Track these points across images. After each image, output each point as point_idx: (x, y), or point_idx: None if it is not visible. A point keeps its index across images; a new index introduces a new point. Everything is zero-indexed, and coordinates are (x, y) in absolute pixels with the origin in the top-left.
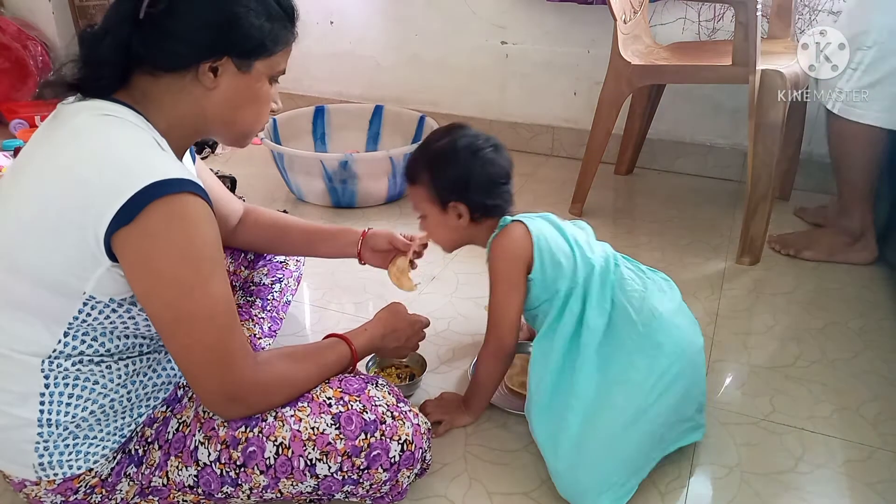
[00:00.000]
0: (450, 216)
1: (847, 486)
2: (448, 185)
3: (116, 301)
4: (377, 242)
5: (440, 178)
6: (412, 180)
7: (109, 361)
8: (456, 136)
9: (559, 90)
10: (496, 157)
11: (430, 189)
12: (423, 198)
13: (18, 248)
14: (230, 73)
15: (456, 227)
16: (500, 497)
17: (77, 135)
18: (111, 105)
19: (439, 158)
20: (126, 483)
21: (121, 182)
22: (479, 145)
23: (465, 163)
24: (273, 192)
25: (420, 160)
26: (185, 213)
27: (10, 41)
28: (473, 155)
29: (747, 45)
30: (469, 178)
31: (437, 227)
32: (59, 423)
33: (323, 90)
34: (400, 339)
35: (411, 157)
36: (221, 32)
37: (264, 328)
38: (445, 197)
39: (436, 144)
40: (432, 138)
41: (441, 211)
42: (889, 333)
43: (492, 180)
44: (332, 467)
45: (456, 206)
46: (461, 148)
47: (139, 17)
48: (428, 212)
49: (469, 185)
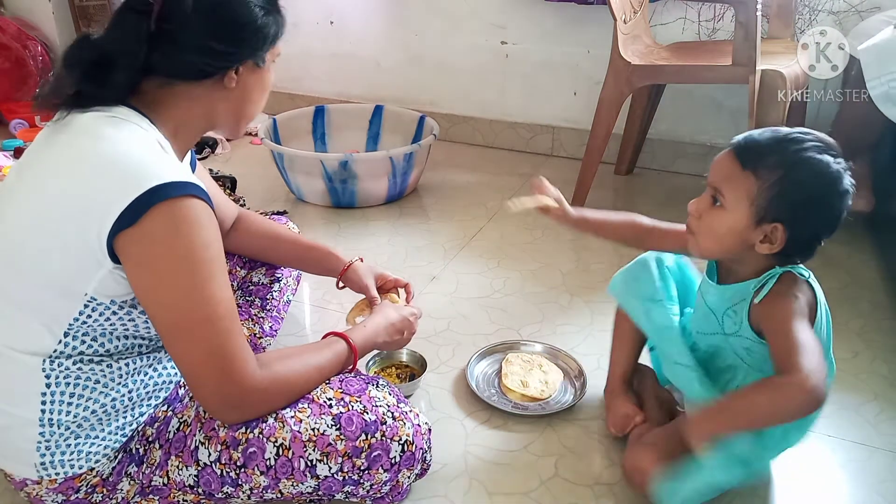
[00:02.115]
0: (755, 233)
1: (847, 486)
2: (793, 204)
3: (117, 303)
4: (352, 284)
5: (789, 190)
6: (748, 163)
7: (109, 361)
8: (836, 155)
9: (559, 90)
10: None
11: (762, 191)
12: (738, 189)
13: (21, 248)
14: (249, 70)
15: (744, 243)
16: (500, 497)
17: (81, 136)
18: (116, 107)
19: (806, 168)
20: (127, 482)
21: (124, 184)
22: (850, 183)
23: (831, 194)
24: (273, 192)
25: (776, 151)
26: (188, 217)
27: (10, 41)
28: (844, 192)
29: (747, 45)
30: (824, 214)
31: (724, 228)
32: (60, 423)
33: (323, 90)
34: (399, 331)
35: (763, 137)
36: (243, 38)
37: (265, 328)
38: (773, 213)
39: (808, 148)
40: (804, 138)
41: (748, 218)
42: (889, 333)
43: (835, 229)
44: (333, 468)
45: (775, 230)
46: (837, 174)
47: (150, 32)
48: (731, 207)
49: (815, 221)
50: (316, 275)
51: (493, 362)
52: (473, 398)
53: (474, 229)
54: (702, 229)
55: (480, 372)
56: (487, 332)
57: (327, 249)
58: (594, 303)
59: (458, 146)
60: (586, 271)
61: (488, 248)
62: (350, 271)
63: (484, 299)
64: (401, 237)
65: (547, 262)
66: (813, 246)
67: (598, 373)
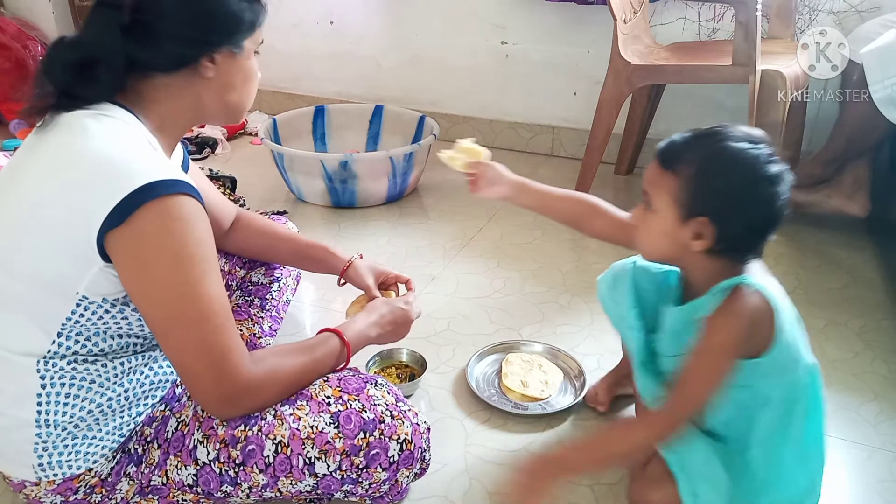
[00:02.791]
0: (684, 230)
1: (847, 486)
2: (712, 195)
3: (109, 301)
4: (353, 282)
5: (706, 181)
6: (667, 164)
7: (104, 360)
8: (755, 141)
9: (559, 90)
10: (787, 193)
11: (682, 188)
12: (665, 190)
13: (12, 248)
14: (226, 58)
15: (679, 244)
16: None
17: (67, 134)
18: (104, 104)
19: (720, 158)
20: (126, 482)
21: (113, 183)
22: (777, 169)
23: (751, 179)
24: (273, 192)
25: (692, 147)
26: (178, 215)
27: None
28: (767, 177)
29: (747, 45)
30: (747, 201)
31: (656, 231)
32: (57, 424)
33: (323, 90)
34: (392, 321)
35: (681, 137)
36: (214, 24)
37: (264, 328)
38: (697, 208)
39: (724, 139)
40: (721, 130)
41: (677, 219)
42: (889, 333)
43: (770, 219)
44: (331, 466)
45: (702, 225)
46: (755, 159)
47: (125, 25)
48: (659, 209)
49: (740, 210)
50: (316, 273)
51: (493, 362)
52: (473, 398)
53: (474, 229)
54: (641, 235)
55: (480, 372)
56: (487, 332)
57: (326, 248)
58: (594, 303)
59: None
60: (586, 271)
61: (488, 248)
62: (351, 270)
63: (484, 299)
64: (401, 237)
65: (547, 262)
66: (752, 240)
67: (598, 373)
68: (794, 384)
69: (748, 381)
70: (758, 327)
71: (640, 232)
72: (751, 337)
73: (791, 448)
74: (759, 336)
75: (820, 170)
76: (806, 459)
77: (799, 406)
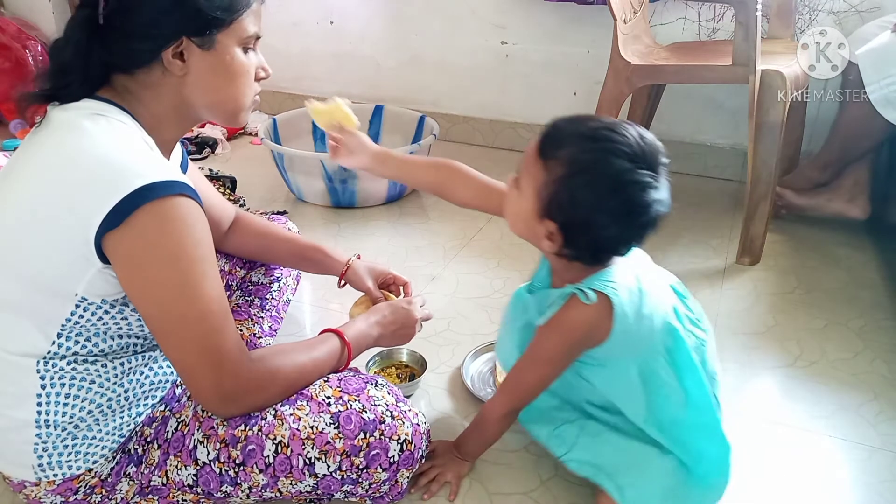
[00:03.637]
0: (539, 226)
1: (847, 486)
2: (568, 207)
3: (108, 302)
4: (352, 284)
5: (568, 191)
6: (543, 151)
7: (104, 360)
8: (639, 161)
9: (559, 90)
10: (652, 208)
11: (546, 185)
12: (533, 178)
13: (10, 250)
14: (196, 54)
15: (534, 234)
16: (500, 497)
17: (66, 135)
18: (99, 104)
19: (591, 172)
20: (126, 483)
21: (111, 184)
22: (649, 198)
23: (612, 205)
24: (273, 192)
25: (572, 144)
26: (177, 216)
27: (10, 41)
28: (632, 205)
29: (747, 45)
30: (601, 225)
31: (517, 212)
32: (57, 424)
33: (323, 90)
34: (395, 322)
35: (562, 126)
36: (170, 16)
37: (265, 327)
38: (552, 211)
39: (606, 151)
40: (611, 137)
41: (535, 211)
42: (889, 333)
43: (625, 241)
44: (331, 466)
45: (553, 229)
46: (626, 185)
47: (99, 23)
48: (524, 193)
49: (591, 232)
50: (315, 274)
51: (487, 361)
52: (474, 398)
53: (474, 229)
54: (506, 208)
55: (476, 370)
56: (487, 332)
57: (324, 250)
58: None
59: (458, 146)
60: None
61: (488, 248)
62: (350, 272)
63: (484, 299)
64: (401, 237)
65: None
66: (601, 256)
67: None
68: (650, 355)
69: (602, 361)
70: (593, 331)
71: (506, 204)
72: (586, 339)
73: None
74: (596, 334)
75: (818, 173)
76: (697, 411)
77: (661, 374)
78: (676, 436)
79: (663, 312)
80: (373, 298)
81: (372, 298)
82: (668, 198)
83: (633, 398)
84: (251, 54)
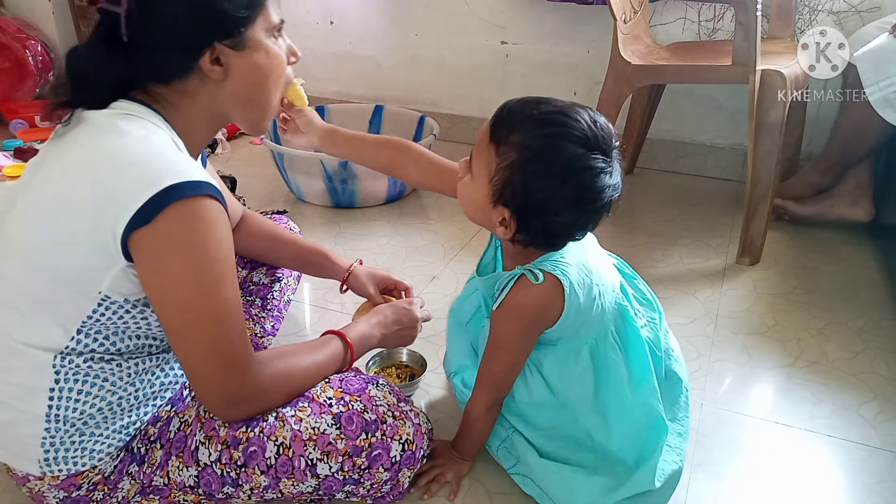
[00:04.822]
0: (492, 211)
1: (847, 486)
2: (521, 193)
3: (131, 301)
4: (354, 290)
5: (521, 177)
6: (495, 136)
7: (119, 360)
8: (592, 147)
9: (559, 90)
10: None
11: (498, 171)
12: (485, 163)
13: (36, 246)
14: (231, 56)
15: (487, 219)
16: (500, 497)
17: (96, 133)
18: (132, 104)
19: (544, 158)
20: (128, 481)
21: (140, 182)
22: (602, 183)
23: (565, 192)
24: (273, 192)
25: (525, 129)
26: (203, 216)
27: (10, 41)
28: (586, 191)
29: (747, 45)
30: (556, 211)
31: (470, 197)
32: (66, 419)
33: (323, 90)
34: (397, 322)
35: (515, 109)
36: (197, 26)
37: (266, 327)
38: (504, 198)
39: (559, 136)
40: (563, 121)
41: (488, 197)
42: (889, 333)
43: (580, 226)
44: (333, 467)
45: (506, 215)
46: (580, 170)
47: (122, 41)
48: (477, 178)
49: (544, 219)
50: (316, 277)
51: None
52: None
53: (474, 229)
54: (459, 192)
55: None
56: None
57: (326, 255)
58: None
59: (458, 146)
60: None
61: None
62: (352, 278)
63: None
64: (401, 237)
65: None
66: (555, 241)
67: None
68: (601, 336)
69: (554, 341)
70: (546, 310)
71: (460, 189)
72: (540, 319)
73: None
74: (550, 313)
75: (820, 178)
76: (640, 389)
77: (611, 354)
78: (619, 416)
79: (613, 292)
80: (374, 304)
81: (374, 304)
82: (620, 182)
83: (583, 381)
84: (280, 41)
